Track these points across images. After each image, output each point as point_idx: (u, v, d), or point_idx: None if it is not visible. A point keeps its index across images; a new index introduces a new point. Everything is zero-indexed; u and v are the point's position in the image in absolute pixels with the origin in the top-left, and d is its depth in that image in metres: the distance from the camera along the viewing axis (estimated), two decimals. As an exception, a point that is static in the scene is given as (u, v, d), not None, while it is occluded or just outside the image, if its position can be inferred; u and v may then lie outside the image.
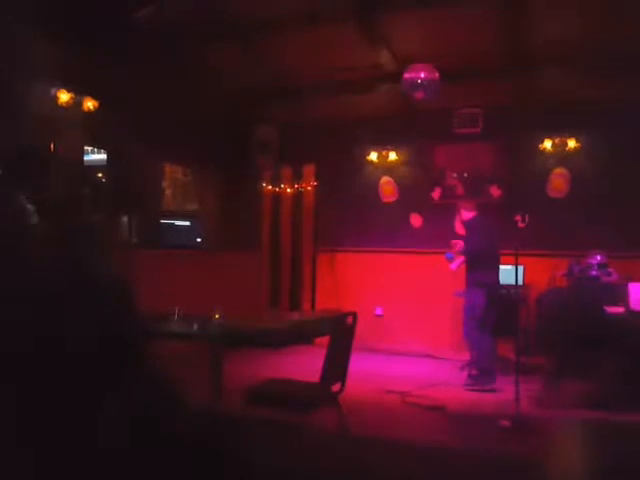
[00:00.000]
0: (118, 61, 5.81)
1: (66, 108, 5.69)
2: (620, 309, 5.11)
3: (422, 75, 5.90)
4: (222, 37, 6.42)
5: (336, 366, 3.72)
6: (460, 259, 6.25)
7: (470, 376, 6.07)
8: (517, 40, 6.19)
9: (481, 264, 6.06)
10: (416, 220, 7.92)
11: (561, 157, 7.22)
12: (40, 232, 1.55)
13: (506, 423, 4.46)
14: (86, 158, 6.59)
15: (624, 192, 6.69)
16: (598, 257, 5.81)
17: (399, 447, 4.08)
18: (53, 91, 5.63)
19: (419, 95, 6.00)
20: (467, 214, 6.31)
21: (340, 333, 3.74)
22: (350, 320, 3.82)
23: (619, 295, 5.22)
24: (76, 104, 5.79)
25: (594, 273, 5.78)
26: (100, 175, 6.67)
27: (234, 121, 8.08)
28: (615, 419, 4.31)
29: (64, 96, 5.67)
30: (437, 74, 5.91)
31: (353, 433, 3.96)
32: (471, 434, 4.57)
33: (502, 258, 6.33)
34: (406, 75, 5.97)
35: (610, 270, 5.77)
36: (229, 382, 3.79)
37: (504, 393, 5.15)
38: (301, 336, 4.20)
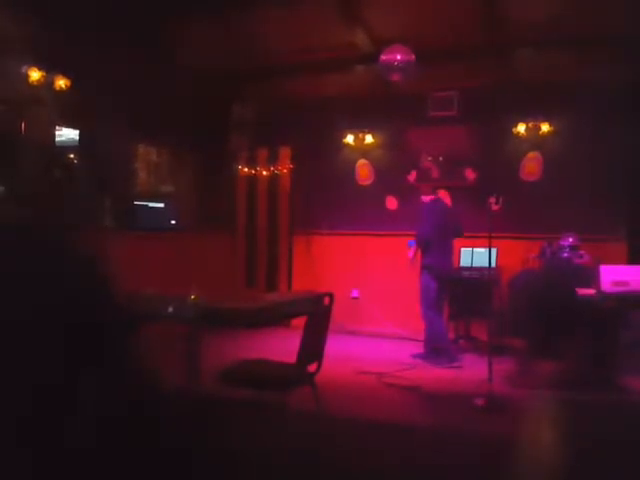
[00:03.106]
0: (90, 40, 5.69)
1: (37, 86, 5.56)
2: (591, 291, 5.18)
3: (398, 57, 5.89)
4: (198, 15, 6.32)
5: (313, 347, 3.73)
6: (414, 246, 6.37)
7: (416, 355, 6.26)
8: (493, 23, 6.20)
9: (433, 248, 6.17)
10: (392, 203, 7.96)
11: (535, 141, 7.29)
12: (11, 216, 1.52)
13: (480, 402, 4.54)
14: (57, 139, 6.46)
15: (596, 176, 6.77)
16: (570, 239, 5.89)
17: (375, 427, 4.13)
18: (24, 69, 5.50)
19: (396, 77, 5.99)
20: (425, 197, 6.43)
21: (317, 314, 3.75)
22: (327, 301, 3.83)
23: (590, 277, 5.30)
24: (47, 82, 5.67)
25: (566, 255, 5.86)
26: (72, 156, 6.55)
27: (209, 102, 7.98)
28: (586, 399, 4.40)
29: (35, 74, 5.54)
30: (413, 56, 5.91)
31: (329, 413, 3.99)
32: (447, 413, 4.64)
33: (475, 241, 6.42)
34: (382, 57, 5.96)
35: (582, 252, 5.85)
36: (205, 363, 3.78)
37: (478, 373, 5.21)
38: (278, 316, 4.21)
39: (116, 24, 5.82)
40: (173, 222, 7.63)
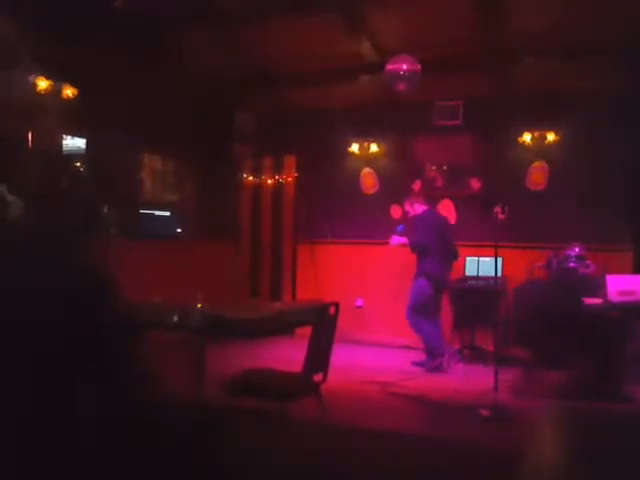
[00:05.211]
0: (94, 49, 5.72)
1: (44, 95, 5.60)
2: (598, 301, 5.16)
3: (404, 67, 5.91)
4: (203, 25, 6.36)
5: (318, 356, 3.72)
6: (403, 240, 6.46)
7: (416, 362, 6.39)
8: (498, 32, 6.22)
9: (431, 255, 6.25)
10: (397, 212, 7.95)
11: (540, 150, 7.27)
12: (23, 223, 1.53)
13: (486, 412, 4.51)
14: (64, 147, 6.49)
15: (602, 185, 6.76)
16: (576, 249, 5.87)
17: (380, 437, 4.11)
18: (31, 78, 5.53)
19: (401, 87, 6.01)
20: (419, 207, 6.53)
21: (322, 323, 3.74)
22: (332, 310, 3.82)
23: (597, 287, 5.28)
24: (54, 91, 5.70)
25: (572, 265, 5.84)
26: (78, 164, 6.58)
27: (214, 111, 8.01)
28: (592, 408, 4.37)
29: (43, 83, 5.58)
30: (419, 66, 5.93)
31: (335, 423, 3.98)
32: (451, 423, 4.61)
33: (480, 250, 6.42)
34: (388, 67, 5.98)
35: (588, 262, 5.83)
36: (210, 372, 3.77)
37: (483, 383, 5.19)
38: (284, 326, 4.20)
39: (120, 33, 5.85)
40: (178, 230, 7.65)
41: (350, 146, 8.17)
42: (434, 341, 6.26)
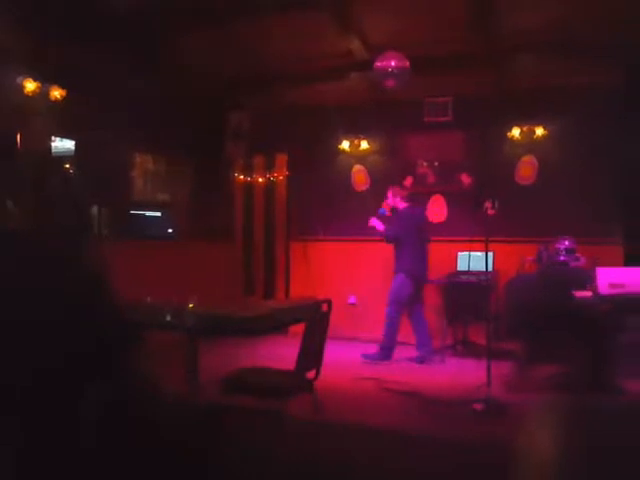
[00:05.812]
0: (86, 48, 5.70)
1: (32, 97, 5.57)
2: (588, 293, 5.20)
3: (393, 63, 5.94)
4: (194, 24, 6.35)
5: (311, 353, 3.73)
6: (379, 225, 6.59)
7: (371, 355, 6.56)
8: (487, 29, 6.24)
9: (405, 253, 6.44)
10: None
11: (529, 145, 7.31)
12: (19, 226, 1.54)
13: (479, 407, 4.54)
14: (53, 149, 6.46)
15: (591, 178, 6.80)
16: (566, 242, 5.90)
17: (375, 433, 4.13)
18: (19, 80, 5.51)
19: (390, 83, 6.04)
20: (400, 203, 6.65)
21: (315, 320, 3.75)
22: (325, 307, 3.84)
23: (587, 280, 5.32)
24: (43, 93, 5.68)
25: (562, 258, 5.87)
26: (68, 166, 6.55)
27: (206, 110, 8.00)
28: (584, 401, 4.40)
29: (30, 85, 5.55)
30: (407, 62, 5.96)
31: (329, 420, 3.99)
32: (445, 418, 4.64)
33: (472, 245, 6.45)
34: (377, 63, 6.01)
35: (578, 255, 5.86)
36: (204, 371, 3.78)
37: (476, 378, 5.21)
38: (277, 324, 4.21)
39: (113, 32, 5.82)
40: (170, 231, 7.64)
41: (341, 143, 8.18)
42: (389, 342, 6.44)
